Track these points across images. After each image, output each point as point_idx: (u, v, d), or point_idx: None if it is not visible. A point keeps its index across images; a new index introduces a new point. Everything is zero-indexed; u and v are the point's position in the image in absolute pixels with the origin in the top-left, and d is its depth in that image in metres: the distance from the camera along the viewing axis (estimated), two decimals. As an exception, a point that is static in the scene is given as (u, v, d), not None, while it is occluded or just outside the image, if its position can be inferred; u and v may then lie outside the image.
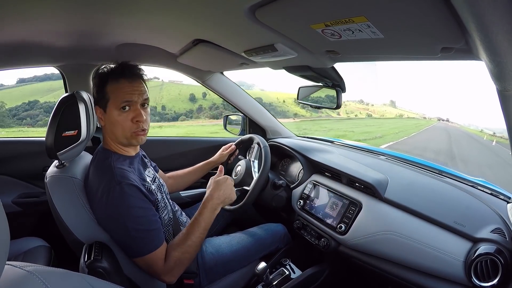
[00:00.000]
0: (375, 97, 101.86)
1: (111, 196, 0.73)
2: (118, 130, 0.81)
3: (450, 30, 0.46)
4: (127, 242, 0.76)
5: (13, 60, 1.15)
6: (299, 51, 0.78)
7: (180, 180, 1.21)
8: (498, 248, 0.66)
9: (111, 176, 0.75)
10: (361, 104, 49.90)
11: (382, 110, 49.38)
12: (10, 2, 0.65)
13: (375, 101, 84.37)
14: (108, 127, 0.83)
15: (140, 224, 0.75)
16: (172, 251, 0.79)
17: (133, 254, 0.77)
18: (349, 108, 45.06)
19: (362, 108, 46.59)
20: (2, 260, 0.29)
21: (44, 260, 1.00)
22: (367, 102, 51.66)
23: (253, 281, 1.04)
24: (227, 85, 1.50)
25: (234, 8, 0.60)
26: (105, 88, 0.80)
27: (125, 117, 0.80)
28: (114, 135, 0.82)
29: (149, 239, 0.76)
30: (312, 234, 1.08)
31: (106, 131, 0.85)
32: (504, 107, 0.47)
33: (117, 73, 0.81)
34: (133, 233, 0.74)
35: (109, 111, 0.80)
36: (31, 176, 1.32)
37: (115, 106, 0.79)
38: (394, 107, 52.46)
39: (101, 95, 0.81)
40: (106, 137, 0.85)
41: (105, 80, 0.81)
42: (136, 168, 0.87)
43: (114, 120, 0.80)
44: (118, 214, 0.73)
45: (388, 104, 54.02)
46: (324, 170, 1.17)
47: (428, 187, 0.93)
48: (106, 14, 0.76)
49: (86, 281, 0.39)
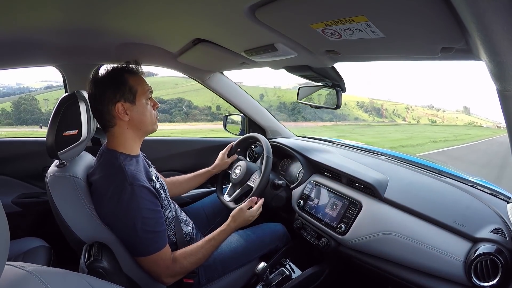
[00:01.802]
0: (448, 102, 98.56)
1: (123, 197, 0.76)
2: (147, 118, 0.87)
3: (450, 30, 0.46)
4: (133, 241, 0.78)
5: (13, 60, 1.15)
6: (299, 51, 0.78)
7: (179, 186, 1.21)
8: (498, 248, 0.66)
9: (123, 178, 0.78)
10: (431, 109, 47.31)
11: (453, 117, 46.52)
12: (10, 2, 0.65)
13: (447, 107, 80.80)
14: (137, 118, 0.85)
15: (148, 225, 0.78)
16: (183, 258, 0.84)
17: (138, 253, 0.79)
18: (416, 113, 42.85)
19: (430, 114, 44.10)
20: (2, 260, 0.29)
21: (44, 260, 1.00)
22: (438, 108, 48.86)
23: (253, 281, 1.04)
24: (227, 85, 1.49)
25: (234, 8, 0.60)
26: (127, 82, 0.84)
27: (150, 105, 0.88)
28: (143, 124, 0.87)
29: (155, 240, 0.79)
30: (312, 234, 1.08)
31: (130, 125, 0.85)
32: (504, 107, 0.47)
33: (133, 69, 0.87)
34: (141, 233, 0.76)
35: (139, 101, 0.85)
36: (31, 176, 1.32)
37: (144, 96, 0.86)
38: (468, 114, 48.74)
39: (126, 89, 0.84)
40: (120, 134, 0.85)
41: (122, 76, 0.84)
42: (143, 166, 0.89)
43: (144, 109, 0.86)
44: (128, 214, 0.76)
45: (461, 111, 50.93)
46: (324, 170, 1.17)
47: (428, 187, 0.93)
48: (106, 13, 0.76)
49: (86, 281, 0.39)
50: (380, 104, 39.74)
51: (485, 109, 79.30)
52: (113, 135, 0.85)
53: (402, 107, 42.14)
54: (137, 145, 0.90)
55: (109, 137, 0.86)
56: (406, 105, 43.28)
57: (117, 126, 0.84)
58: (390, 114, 39.34)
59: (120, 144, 0.85)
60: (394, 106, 41.39)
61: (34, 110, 13.20)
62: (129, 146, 0.87)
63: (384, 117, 37.68)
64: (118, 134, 0.85)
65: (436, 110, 47.11)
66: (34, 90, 13.77)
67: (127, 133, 0.86)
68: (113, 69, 0.85)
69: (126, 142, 0.86)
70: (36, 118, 13.01)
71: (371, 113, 37.51)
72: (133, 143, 0.88)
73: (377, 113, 38.15)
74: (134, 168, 0.82)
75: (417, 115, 41.70)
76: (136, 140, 0.88)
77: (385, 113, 38.56)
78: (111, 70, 0.84)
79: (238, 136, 1.55)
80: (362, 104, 38.15)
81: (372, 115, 37.02)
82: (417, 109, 44.09)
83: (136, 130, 0.87)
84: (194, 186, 1.25)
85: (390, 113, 39.47)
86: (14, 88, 12.63)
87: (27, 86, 14.10)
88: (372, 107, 38.31)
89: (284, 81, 45.93)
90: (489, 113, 56.76)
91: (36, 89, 14.43)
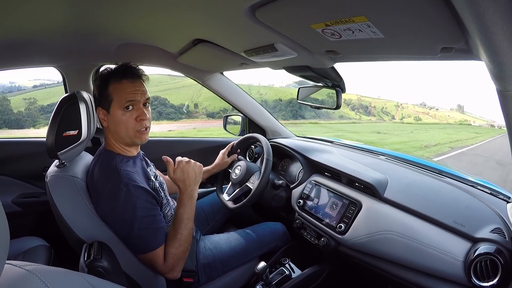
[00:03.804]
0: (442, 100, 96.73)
1: (119, 198, 0.77)
2: (122, 130, 0.82)
3: (450, 30, 0.46)
4: (132, 239, 0.79)
5: (13, 60, 1.15)
6: (299, 51, 0.78)
7: None
8: (498, 248, 0.66)
9: (118, 179, 0.78)
10: (422, 107, 45.59)
11: (446, 115, 44.67)
12: (10, 3, 0.65)
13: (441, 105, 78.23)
14: (112, 128, 0.84)
15: (145, 223, 0.78)
16: (168, 248, 0.82)
17: (137, 251, 0.81)
18: (406, 111, 40.84)
19: (421, 112, 42.62)
20: (2, 259, 0.29)
21: (44, 259, 1.00)
22: (431, 106, 46.85)
23: (253, 280, 1.04)
24: (226, 85, 1.49)
25: (234, 8, 0.60)
26: (107, 89, 0.82)
27: (128, 116, 0.82)
28: (118, 135, 0.84)
29: (153, 237, 0.80)
30: (311, 234, 1.08)
31: (109, 132, 0.85)
32: (504, 107, 0.47)
33: (119, 74, 0.82)
34: (138, 231, 0.77)
35: (113, 111, 0.82)
36: (31, 176, 1.32)
37: (119, 106, 0.81)
38: (462, 113, 46.52)
39: (104, 96, 0.82)
40: (109, 138, 0.86)
41: (107, 81, 0.82)
42: (140, 167, 0.89)
43: (118, 120, 0.82)
44: (125, 214, 0.77)
45: (455, 109, 49.42)
46: (324, 170, 1.17)
47: (428, 187, 0.93)
48: (106, 14, 0.76)
49: (86, 280, 0.39)
50: (368, 101, 38.71)
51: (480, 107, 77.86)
52: (106, 136, 0.87)
53: (391, 105, 40.94)
54: (130, 148, 0.87)
55: (105, 138, 0.88)
56: (396, 103, 42.12)
57: (104, 129, 0.86)
58: (379, 112, 38.17)
59: (114, 145, 0.86)
60: (384, 104, 40.25)
61: (5, 110, 12.77)
62: (122, 149, 0.86)
63: (372, 115, 36.50)
64: (107, 137, 0.87)
65: (428, 108, 45.98)
66: (24, 88, 13.57)
67: (112, 138, 0.86)
68: (101, 72, 0.84)
69: (117, 145, 0.86)
70: (6, 118, 12.52)
71: (358, 111, 36.36)
72: (124, 146, 0.86)
73: (365, 111, 37.08)
74: (130, 169, 0.82)
75: (406, 113, 40.48)
76: (124, 145, 0.86)
77: (373, 111, 37.37)
78: (101, 72, 0.84)
79: (238, 136, 1.55)
80: (349, 102, 36.56)
81: (359, 113, 35.80)
82: (407, 107, 42.93)
83: (117, 138, 0.85)
84: None
85: (379, 111, 38.32)
86: (6, 87, 12.48)
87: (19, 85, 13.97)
88: (359, 104, 37.12)
89: (277, 80, 45.00)
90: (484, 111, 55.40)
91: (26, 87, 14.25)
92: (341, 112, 33.99)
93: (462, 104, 70.09)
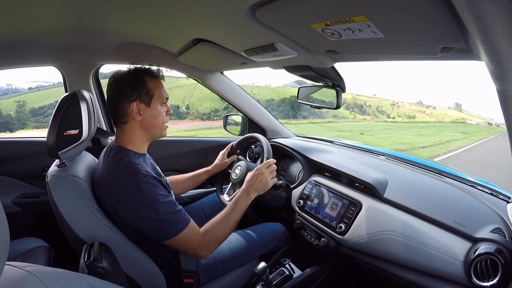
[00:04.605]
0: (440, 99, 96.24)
1: (140, 188, 0.79)
2: (159, 122, 0.90)
3: (450, 30, 0.46)
4: (160, 227, 0.81)
5: (13, 60, 1.15)
6: (299, 51, 0.78)
7: (178, 185, 1.21)
8: (498, 248, 0.67)
9: (136, 170, 0.81)
10: (419, 106, 44.89)
11: (443, 113, 43.92)
12: (10, 2, 0.65)
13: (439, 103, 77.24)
14: (149, 120, 0.88)
15: (169, 207, 0.82)
16: (211, 227, 0.88)
17: (168, 236, 0.82)
18: (402, 110, 40.13)
19: (417, 111, 41.78)
20: (2, 260, 0.29)
21: (44, 260, 1.00)
22: (428, 105, 46.18)
23: (253, 281, 1.04)
24: (227, 85, 1.49)
25: (234, 8, 0.60)
26: (146, 84, 0.87)
27: (163, 110, 0.91)
28: (153, 126, 0.90)
29: (179, 219, 0.83)
30: (312, 234, 1.08)
31: (139, 126, 0.88)
32: (504, 107, 0.47)
33: (154, 72, 0.90)
34: (164, 216, 0.80)
35: (154, 105, 0.88)
36: (31, 176, 1.32)
37: (160, 101, 0.89)
38: (460, 111, 46.69)
39: (144, 90, 0.86)
40: (129, 133, 0.88)
41: (142, 77, 0.87)
42: (150, 164, 0.92)
43: (157, 113, 0.89)
44: (148, 204, 0.79)
45: (453, 108, 49.11)
46: (324, 170, 1.17)
47: (428, 187, 0.93)
48: (106, 14, 0.76)
49: (86, 281, 0.39)
50: (363, 100, 38.29)
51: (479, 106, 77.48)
52: (122, 132, 0.88)
53: (387, 104, 40.13)
54: (145, 145, 0.92)
55: (119, 134, 0.89)
56: (392, 101, 41.36)
57: (128, 123, 0.87)
58: (374, 111, 37.16)
59: (129, 141, 0.88)
60: (379, 103, 39.38)
61: (-10, 114, 12.56)
62: (138, 145, 0.89)
63: (367, 114, 35.83)
64: (128, 132, 0.88)
65: (425, 106, 45.41)
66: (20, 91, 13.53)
67: (137, 133, 0.88)
68: (135, 69, 0.88)
69: (135, 141, 0.88)
70: (-11, 122, 12.33)
71: (353, 110, 35.70)
72: (141, 143, 0.90)
73: (360, 110, 36.55)
74: (143, 164, 0.86)
75: (402, 112, 39.72)
76: (145, 140, 0.91)
77: (368, 110, 36.94)
78: (133, 70, 0.88)
79: (238, 136, 1.55)
80: (343, 101, 36.36)
81: (354, 112, 35.12)
82: (403, 105, 42.12)
83: (146, 131, 0.90)
84: (193, 185, 1.25)
85: (374, 109, 37.46)
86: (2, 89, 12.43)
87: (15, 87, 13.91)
88: (354, 103, 36.31)
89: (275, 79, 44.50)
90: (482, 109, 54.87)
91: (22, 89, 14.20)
92: (335, 112, 33.38)
93: (460, 103, 70.09)
